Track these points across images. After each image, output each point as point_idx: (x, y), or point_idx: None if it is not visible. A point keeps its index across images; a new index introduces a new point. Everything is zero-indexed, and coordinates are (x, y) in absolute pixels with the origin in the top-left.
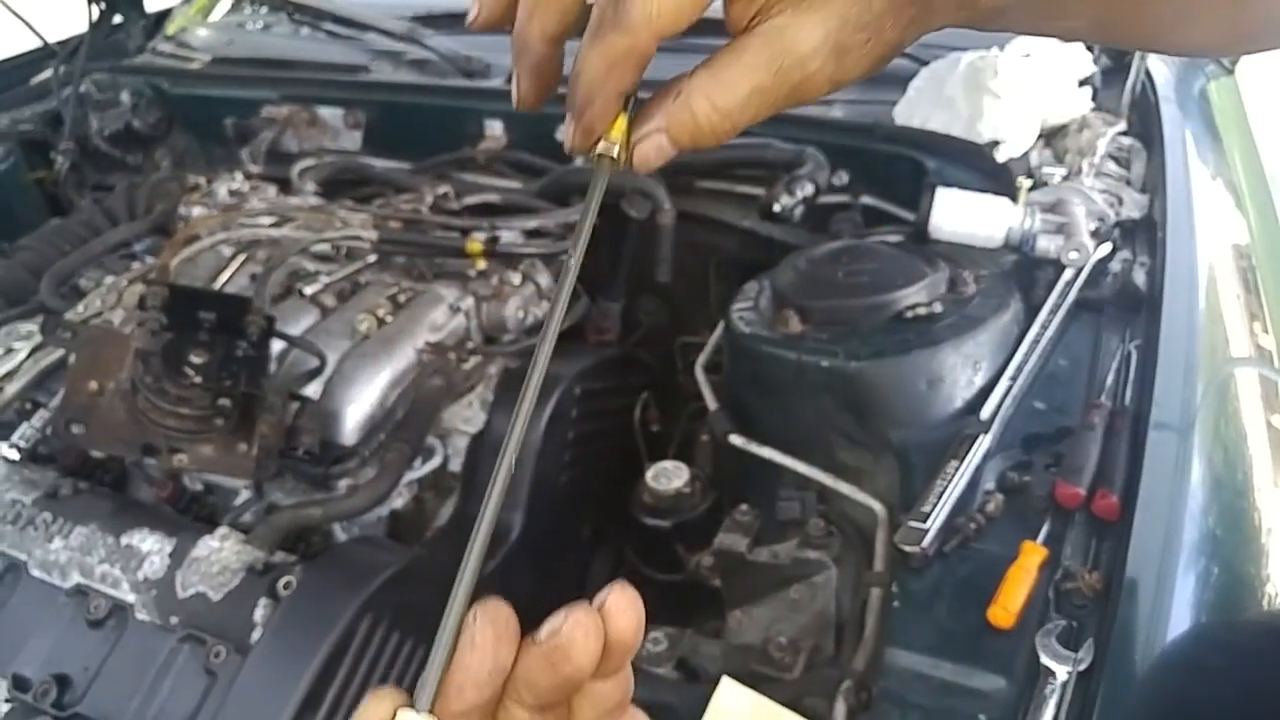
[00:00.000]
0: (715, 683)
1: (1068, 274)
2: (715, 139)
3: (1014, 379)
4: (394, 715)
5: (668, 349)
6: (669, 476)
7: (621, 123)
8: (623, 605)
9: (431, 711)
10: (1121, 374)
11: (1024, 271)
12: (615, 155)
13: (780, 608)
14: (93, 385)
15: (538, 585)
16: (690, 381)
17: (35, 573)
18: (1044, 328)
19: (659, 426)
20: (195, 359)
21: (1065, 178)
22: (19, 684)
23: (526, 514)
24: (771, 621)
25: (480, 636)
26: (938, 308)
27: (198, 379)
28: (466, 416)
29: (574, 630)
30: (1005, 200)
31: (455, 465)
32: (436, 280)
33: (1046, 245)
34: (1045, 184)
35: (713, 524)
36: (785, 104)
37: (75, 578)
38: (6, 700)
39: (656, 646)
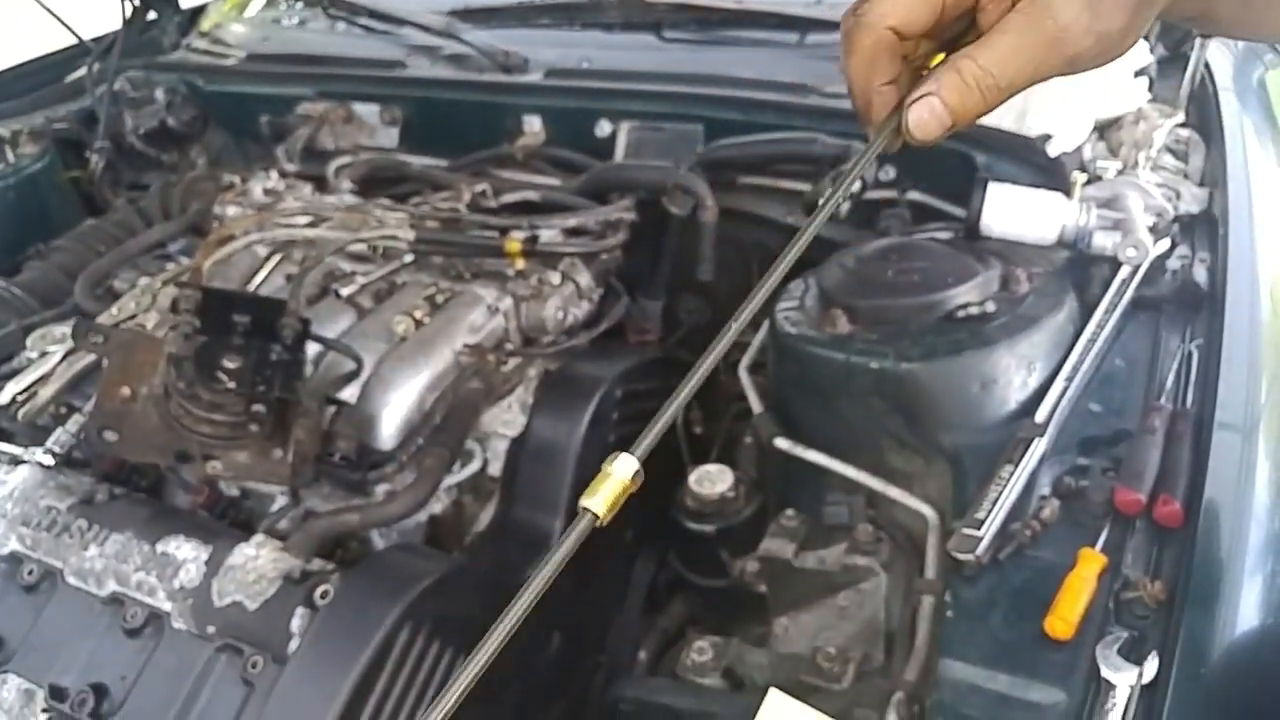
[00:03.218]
0: (762, 693)
1: (1124, 271)
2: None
3: (1069, 380)
4: None
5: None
6: (712, 480)
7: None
8: None
9: None
10: (1182, 375)
11: (1078, 269)
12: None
13: (828, 615)
14: (125, 391)
15: (579, 590)
16: (732, 381)
17: (71, 580)
18: (1100, 327)
19: (701, 428)
20: (229, 364)
21: (1120, 172)
22: (56, 694)
23: (567, 519)
24: (819, 629)
25: None
26: (990, 307)
27: (231, 384)
28: (506, 420)
29: None
30: (1059, 196)
31: (495, 469)
32: (474, 280)
33: (1103, 242)
34: (1099, 178)
35: (757, 528)
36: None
37: (111, 586)
38: (44, 710)
39: (702, 656)
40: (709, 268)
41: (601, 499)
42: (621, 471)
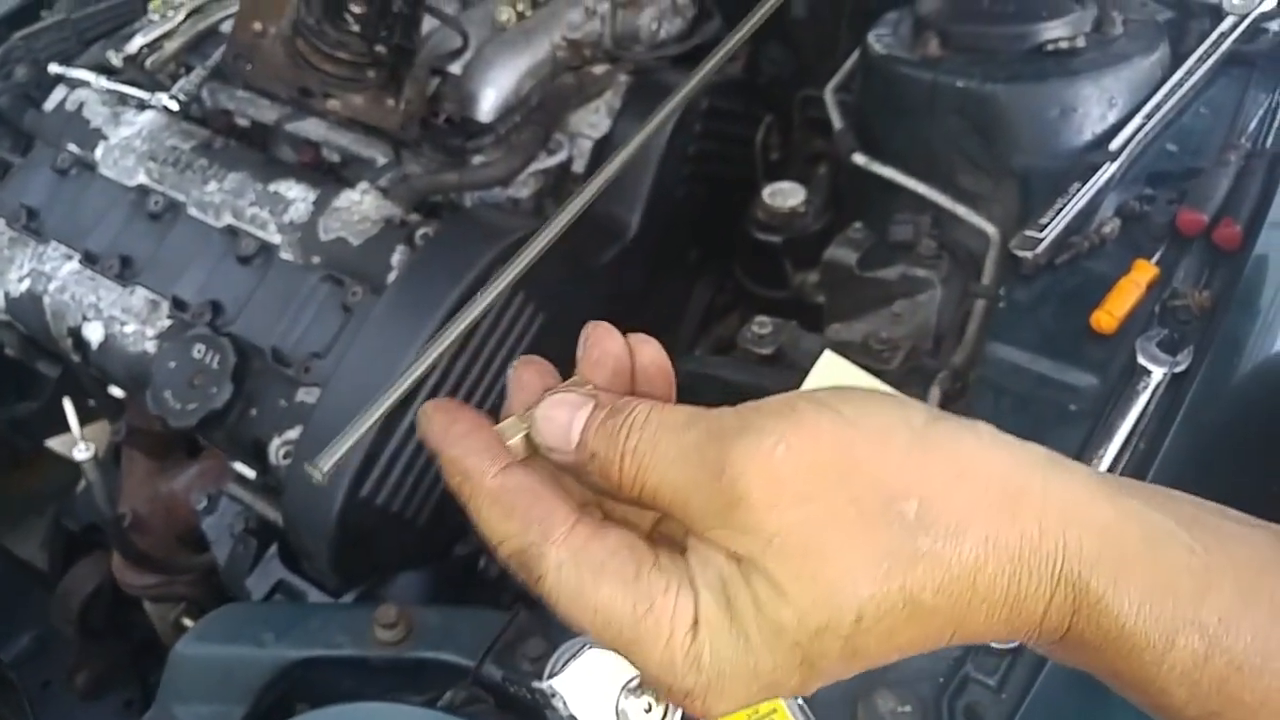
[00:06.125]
0: (810, 368)
1: (1225, 24)
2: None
3: (1148, 117)
4: None
5: (788, 105)
6: (785, 195)
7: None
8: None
9: None
10: (1266, 122)
11: (1177, 25)
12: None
13: (881, 321)
14: (257, 26)
15: (645, 291)
16: (806, 135)
17: (192, 211)
18: (1189, 74)
19: (777, 154)
20: (354, 8)
21: None
22: (178, 305)
23: (644, 216)
24: (871, 333)
25: None
26: (1080, 43)
27: (356, 27)
28: (592, 122)
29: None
30: None
31: (578, 166)
32: None
33: None
34: None
35: (822, 245)
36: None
37: (228, 218)
38: (169, 317)
39: (762, 329)
40: (803, 3)
41: None
42: None
